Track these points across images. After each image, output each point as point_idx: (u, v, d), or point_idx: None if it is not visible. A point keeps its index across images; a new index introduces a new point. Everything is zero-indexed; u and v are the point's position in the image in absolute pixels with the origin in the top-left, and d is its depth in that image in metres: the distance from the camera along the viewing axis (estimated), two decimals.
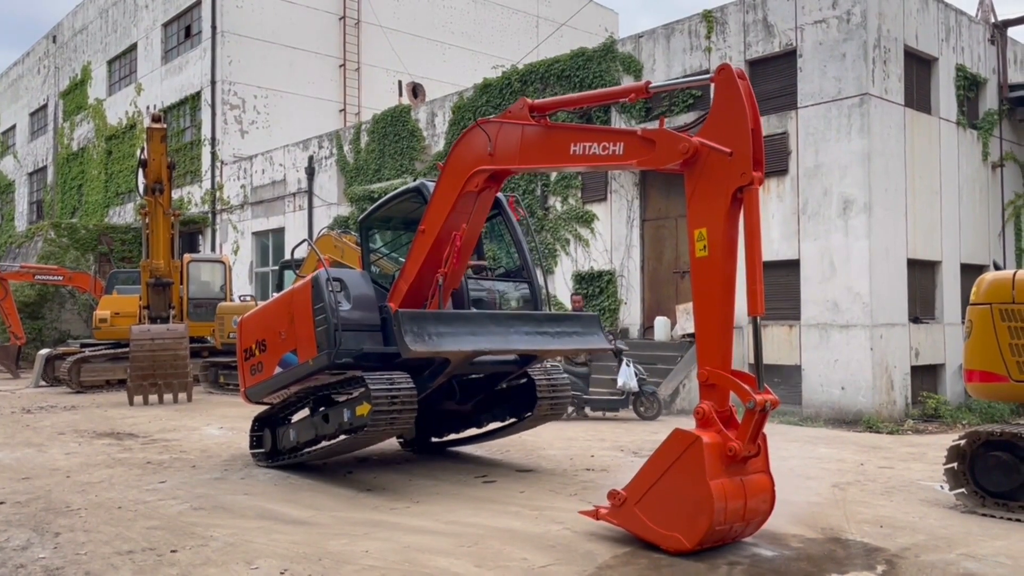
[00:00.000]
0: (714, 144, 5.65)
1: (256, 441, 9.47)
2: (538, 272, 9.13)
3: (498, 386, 9.31)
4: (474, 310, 8.56)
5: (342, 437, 8.22)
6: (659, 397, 13.18)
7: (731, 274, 5.71)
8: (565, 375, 9.37)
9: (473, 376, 9.12)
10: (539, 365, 9.08)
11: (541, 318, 8.59)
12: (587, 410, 13.44)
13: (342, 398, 8.27)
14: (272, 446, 9.24)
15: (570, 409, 13.40)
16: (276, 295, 9.48)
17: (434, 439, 10.18)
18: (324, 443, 8.50)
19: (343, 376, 8.24)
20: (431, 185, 8.36)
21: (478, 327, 7.96)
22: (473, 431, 9.85)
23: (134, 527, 6.52)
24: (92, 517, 6.86)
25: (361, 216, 9.61)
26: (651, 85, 6.48)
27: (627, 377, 12.91)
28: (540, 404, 8.86)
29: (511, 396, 9.35)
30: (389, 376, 7.68)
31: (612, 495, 6.02)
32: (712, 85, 5.90)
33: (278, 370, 8.66)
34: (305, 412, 9.04)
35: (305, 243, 9.50)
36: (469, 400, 9.39)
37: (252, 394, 9.31)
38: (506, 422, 9.49)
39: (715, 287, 5.70)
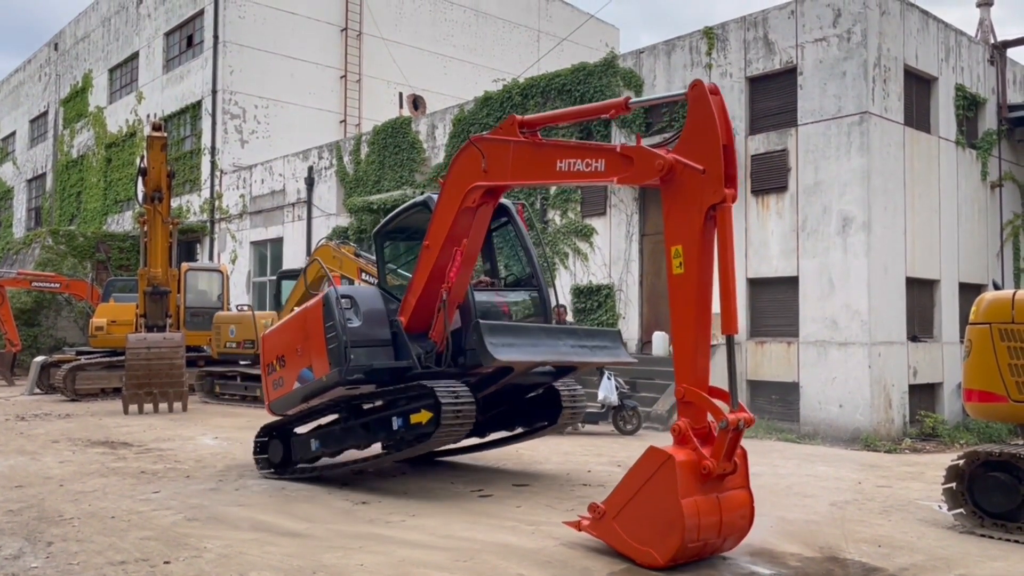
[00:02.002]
0: (688, 161, 5.74)
1: (261, 449, 9.49)
2: (546, 280, 9.41)
3: (528, 396, 9.56)
4: (531, 324, 8.86)
5: (378, 447, 8.45)
6: (639, 412, 13.13)
7: (707, 291, 5.81)
8: (579, 387, 9.60)
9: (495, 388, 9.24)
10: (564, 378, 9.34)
11: (581, 333, 8.97)
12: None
13: (398, 407, 8.28)
14: (284, 456, 9.27)
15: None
16: (296, 309, 9.64)
17: None
18: (370, 452, 8.66)
19: (403, 386, 8.29)
20: (436, 198, 8.44)
21: (537, 339, 8.26)
22: (474, 440, 9.82)
23: (127, 537, 6.47)
24: (85, 527, 6.81)
25: (376, 229, 9.77)
26: (630, 101, 6.70)
27: (608, 391, 12.87)
28: (563, 413, 9.20)
29: (531, 407, 9.58)
30: (452, 387, 7.89)
31: (592, 508, 6.20)
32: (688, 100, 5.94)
33: (297, 385, 8.86)
34: (320, 422, 9.22)
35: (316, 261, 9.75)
36: (490, 411, 9.50)
37: (276, 407, 9.47)
38: (513, 431, 9.71)
39: (691, 304, 5.81)
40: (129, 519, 7.10)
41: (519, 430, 9.79)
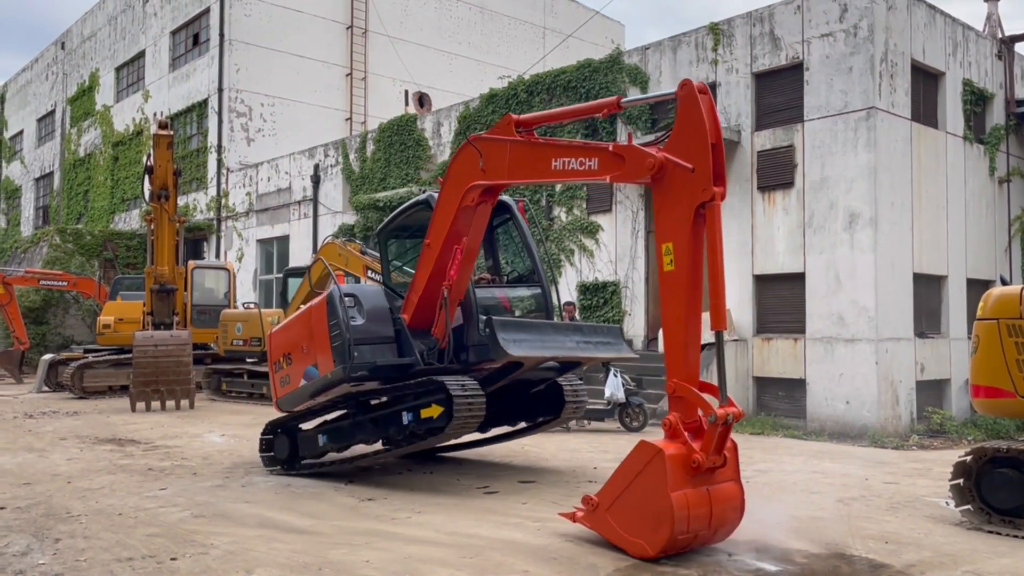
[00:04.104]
0: (677, 159, 5.81)
1: (267, 446, 9.55)
2: (548, 277, 9.52)
3: (532, 391, 9.67)
4: (539, 320, 8.97)
5: (386, 442, 8.59)
6: (645, 408, 13.10)
7: (697, 288, 5.90)
8: (581, 382, 9.74)
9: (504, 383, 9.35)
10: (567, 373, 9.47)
11: (587, 329, 9.15)
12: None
13: (408, 402, 8.38)
14: (290, 452, 9.35)
15: None
16: (302, 308, 9.77)
17: None
18: (378, 447, 8.88)
19: (413, 381, 8.42)
20: (437, 196, 8.50)
21: (545, 335, 8.43)
22: (477, 435, 9.88)
23: (134, 534, 6.50)
24: (92, 523, 6.84)
25: (379, 227, 9.87)
26: (622, 100, 6.75)
27: (614, 388, 12.85)
28: (566, 408, 9.42)
29: (533, 402, 9.70)
30: (463, 381, 8.00)
31: (586, 500, 6.31)
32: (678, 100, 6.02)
33: (303, 382, 9.00)
34: (326, 417, 9.31)
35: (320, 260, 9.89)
36: (493, 407, 9.54)
37: (283, 404, 9.60)
38: (516, 427, 9.81)
39: (681, 301, 5.92)
40: (136, 516, 7.12)
41: (522, 425, 9.90)
